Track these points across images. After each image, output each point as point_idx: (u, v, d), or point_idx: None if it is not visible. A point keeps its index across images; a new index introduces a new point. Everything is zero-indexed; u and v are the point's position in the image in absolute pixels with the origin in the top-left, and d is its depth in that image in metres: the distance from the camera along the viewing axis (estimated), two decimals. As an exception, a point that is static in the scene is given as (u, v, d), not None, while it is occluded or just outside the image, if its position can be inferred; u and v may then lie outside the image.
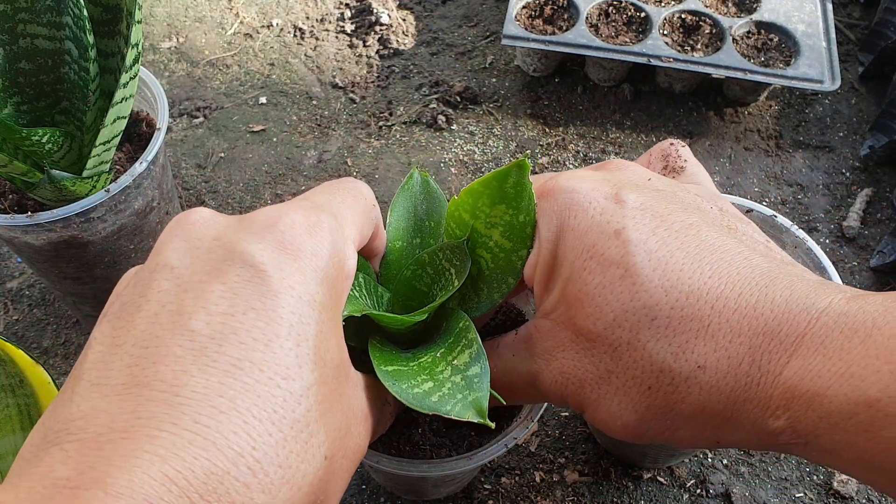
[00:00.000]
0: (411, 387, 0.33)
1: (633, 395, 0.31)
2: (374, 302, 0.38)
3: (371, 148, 0.84)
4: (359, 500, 0.59)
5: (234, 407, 0.23)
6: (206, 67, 0.93)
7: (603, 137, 0.85)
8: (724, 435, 0.30)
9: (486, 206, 0.37)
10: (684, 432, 0.31)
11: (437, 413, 0.31)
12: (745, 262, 0.30)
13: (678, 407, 0.30)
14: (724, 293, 0.29)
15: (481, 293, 0.39)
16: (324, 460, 0.25)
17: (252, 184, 0.80)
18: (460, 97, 0.89)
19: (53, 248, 0.53)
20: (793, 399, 0.27)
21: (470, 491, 0.59)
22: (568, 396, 0.34)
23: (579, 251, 0.32)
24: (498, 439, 0.41)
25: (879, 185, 0.81)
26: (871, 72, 0.91)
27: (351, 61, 0.94)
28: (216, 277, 0.25)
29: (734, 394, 0.29)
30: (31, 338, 0.68)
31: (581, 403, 0.33)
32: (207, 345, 0.24)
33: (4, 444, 0.41)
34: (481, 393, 0.32)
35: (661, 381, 0.30)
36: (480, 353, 0.34)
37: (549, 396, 0.35)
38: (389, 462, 0.40)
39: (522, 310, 0.49)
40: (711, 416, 0.29)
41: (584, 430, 0.63)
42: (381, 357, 0.35)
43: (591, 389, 0.32)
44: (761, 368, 0.28)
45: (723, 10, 0.91)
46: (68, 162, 0.52)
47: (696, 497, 0.59)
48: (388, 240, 0.42)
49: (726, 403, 0.29)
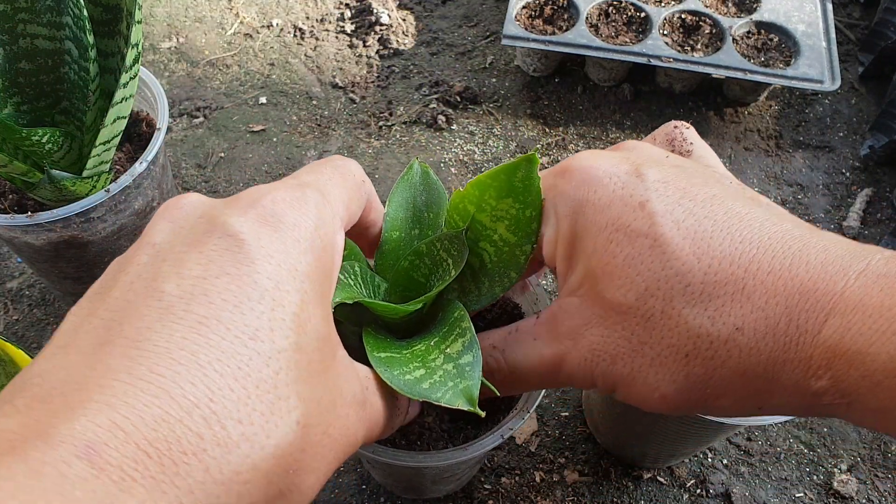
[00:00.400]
0: (403, 373, 0.33)
1: (671, 364, 0.30)
2: (369, 291, 0.38)
3: (371, 148, 0.84)
4: (359, 500, 0.59)
5: (196, 360, 0.22)
6: (206, 67, 0.93)
7: (603, 137, 0.85)
8: (767, 399, 0.30)
9: (492, 198, 0.37)
10: (725, 400, 0.30)
11: (427, 400, 0.31)
12: (775, 228, 0.30)
13: (718, 373, 0.29)
14: (756, 257, 0.29)
15: (482, 286, 0.39)
16: (296, 425, 0.24)
17: (252, 184, 0.80)
18: (460, 97, 0.89)
19: (53, 248, 0.53)
20: (834, 358, 0.27)
21: (470, 491, 0.59)
22: (598, 376, 0.33)
23: (603, 224, 0.32)
24: (493, 430, 0.41)
25: (879, 185, 0.81)
26: (871, 72, 0.91)
27: (351, 61, 0.94)
28: (194, 247, 0.25)
29: (774, 354, 0.28)
30: (31, 338, 0.68)
31: (613, 381, 0.33)
32: (175, 304, 0.23)
33: (4, 444, 0.41)
34: (472, 381, 0.32)
35: (699, 346, 0.29)
36: (473, 343, 0.34)
37: (576, 378, 0.34)
38: (385, 452, 0.40)
39: (518, 302, 0.49)
40: (752, 379, 0.29)
41: (584, 430, 0.63)
42: (374, 344, 0.35)
43: (624, 364, 0.32)
44: (799, 328, 0.28)
45: (723, 10, 0.91)
46: (68, 162, 0.52)
47: (696, 497, 0.59)
48: (384, 229, 0.42)
49: (766, 365, 0.28)
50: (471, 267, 0.39)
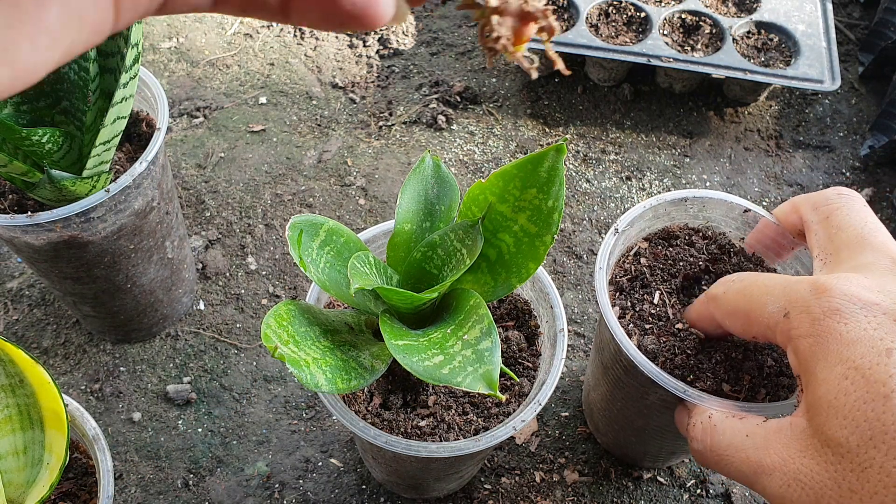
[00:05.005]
0: (422, 360, 0.33)
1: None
2: (383, 281, 0.39)
3: (371, 148, 0.84)
4: (359, 500, 0.59)
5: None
6: (206, 67, 0.93)
7: (603, 137, 0.85)
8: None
9: (516, 189, 0.37)
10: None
11: (447, 385, 0.32)
12: None
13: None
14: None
15: (498, 277, 0.39)
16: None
17: (252, 184, 0.80)
18: (460, 97, 0.89)
19: (53, 248, 0.53)
20: None
21: (470, 491, 0.59)
22: (794, 502, 0.33)
23: (843, 358, 0.32)
24: (505, 422, 0.42)
25: (879, 185, 0.81)
26: (871, 72, 0.91)
27: (351, 61, 0.94)
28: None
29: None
30: (31, 338, 0.68)
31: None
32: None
33: (4, 444, 0.41)
34: (492, 366, 0.32)
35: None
36: (492, 329, 0.34)
37: (769, 492, 0.34)
38: (398, 443, 0.40)
39: (527, 299, 0.49)
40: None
41: (584, 430, 0.63)
42: (391, 332, 0.35)
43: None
44: None
45: (723, 10, 0.90)
46: (68, 162, 0.52)
47: (696, 497, 0.59)
48: (396, 222, 0.42)
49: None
50: (486, 258, 0.40)
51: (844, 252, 0.38)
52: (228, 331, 0.69)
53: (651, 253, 0.51)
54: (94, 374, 0.66)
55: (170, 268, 0.64)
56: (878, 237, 0.38)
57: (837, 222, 0.40)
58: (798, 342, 0.34)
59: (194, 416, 0.63)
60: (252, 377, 0.66)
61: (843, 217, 0.40)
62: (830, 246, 0.39)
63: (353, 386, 0.35)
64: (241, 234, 0.75)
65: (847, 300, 0.33)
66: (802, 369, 0.34)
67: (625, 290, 0.50)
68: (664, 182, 0.81)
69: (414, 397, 0.45)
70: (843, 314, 0.33)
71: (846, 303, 0.33)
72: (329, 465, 0.61)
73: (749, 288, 0.38)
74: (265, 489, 0.60)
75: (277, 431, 0.63)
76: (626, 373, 0.48)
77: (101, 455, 0.43)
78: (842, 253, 0.38)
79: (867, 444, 0.30)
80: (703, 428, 0.39)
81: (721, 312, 0.41)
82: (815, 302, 0.34)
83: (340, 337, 0.39)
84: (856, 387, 0.31)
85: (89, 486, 0.45)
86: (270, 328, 0.35)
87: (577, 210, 0.78)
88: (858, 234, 0.38)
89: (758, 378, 0.44)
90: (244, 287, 0.72)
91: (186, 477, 0.60)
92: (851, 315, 0.32)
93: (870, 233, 0.38)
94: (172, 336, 0.68)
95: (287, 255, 0.74)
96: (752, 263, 0.50)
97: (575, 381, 0.66)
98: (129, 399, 0.64)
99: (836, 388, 0.31)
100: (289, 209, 0.78)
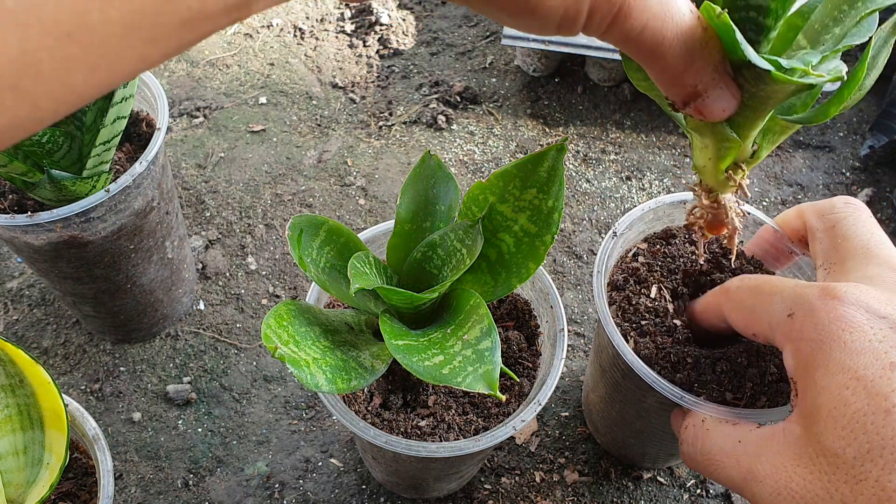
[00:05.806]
0: (422, 360, 0.33)
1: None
2: (383, 281, 0.39)
3: (371, 148, 0.84)
4: (359, 501, 0.59)
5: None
6: (206, 67, 0.93)
7: (603, 137, 0.85)
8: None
9: (517, 188, 0.37)
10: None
11: (448, 385, 0.32)
12: None
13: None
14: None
15: (498, 277, 0.39)
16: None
17: (252, 184, 0.80)
18: (460, 97, 0.89)
19: (53, 248, 0.53)
20: None
21: (470, 491, 0.59)
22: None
23: (844, 367, 0.31)
24: (505, 422, 0.42)
25: (879, 185, 0.81)
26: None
27: (351, 61, 0.94)
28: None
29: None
30: (31, 338, 0.68)
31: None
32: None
33: (4, 444, 0.41)
34: (492, 366, 0.32)
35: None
36: (492, 329, 0.34)
37: (759, 499, 0.34)
38: (399, 443, 0.40)
39: (528, 299, 0.49)
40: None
41: (584, 430, 0.63)
42: (391, 332, 0.35)
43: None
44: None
45: (723, 10, 0.90)
46: (68, 162, 0.52)
47: (696, 497, 0.59)
48: (396, 221, 0.42)
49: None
50: (486, 258, 0.39)
51: (849, 262, 0.38)
52: (228, 331, 0.69)
53: (650, 252, 0.51)
54: (94, 374, 0.66)
55: (170, 268, 0.64)
56: (883, 250, 0.38)
57: (843, 232, 0.40)
58: (799, 345, 0.34)
59: (194, 416, 0.63)
60: (252, 377, 0.66)
61: (849, 227, 0.40)
62: (835, 255, 0.39)
63: (353, 386, 0.35)
64: (241, 234, 0.75)
65: (856, 309, 0.33)
66: (800, 374, 0.33)
67: (622, 287, 0.50)
68: (664, 182, 0.81)
69: (414, 397, 0.45)
70: (849, 322, 0.32)
71: (854, 312, 0.33)
72: (329, 465, 0.61)
73: (761, 286, 0.38)
74: (265, 489, 0.60)
75: (277, 431, 0.63)
76: (624, 376, 0.48)
77: (101, 455, 0.43)
78: (847, 263, 0.38)
79: (864, 456, 0.29)
80: (695, 432, 0.39)
81: (729, 305, 0.41)
82: (823, 306, 0.33)
83: (340, 337, 0.39)
84: (857, 398, 0.30)
85: (89, 486, 0.45)
86: (270, 328, 0.35)
87: (577, 210, 0.78)
88: (864, 246, 0.38)
89: (759, 385, 0.44)
90: (244, 287, 0.72)
91: (186, 477, 0.60)
92: (858, 325, 0.32)
93: (876, 245, 0.38)
94: (172, 336, 0.68)
95: (287, 255, 0.74)
96: (752, 266, 0.50)
97: (575, 381, 0.66)
98: (129, 399, 0.64)
99: (835, 396, 0.31)
100: (289, 209, 0.78)
